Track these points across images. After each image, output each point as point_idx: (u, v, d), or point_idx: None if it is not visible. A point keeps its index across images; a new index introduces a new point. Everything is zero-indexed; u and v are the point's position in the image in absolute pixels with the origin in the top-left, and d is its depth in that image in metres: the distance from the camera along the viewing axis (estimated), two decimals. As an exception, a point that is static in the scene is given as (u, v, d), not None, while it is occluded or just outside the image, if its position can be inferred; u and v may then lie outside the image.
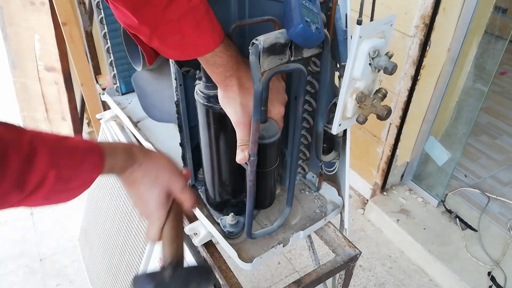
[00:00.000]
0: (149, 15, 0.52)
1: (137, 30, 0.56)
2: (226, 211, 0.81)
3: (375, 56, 0.57)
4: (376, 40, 0.57)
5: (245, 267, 0.74)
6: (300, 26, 0.52)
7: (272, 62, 0.55)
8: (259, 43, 0.52)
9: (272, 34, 0.54)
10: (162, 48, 0.57)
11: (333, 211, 0.84)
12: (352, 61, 0.57)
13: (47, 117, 2.18)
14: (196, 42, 0.55)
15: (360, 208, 2.13)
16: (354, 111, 0.63)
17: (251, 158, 0.61)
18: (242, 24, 0.62)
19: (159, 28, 0.54)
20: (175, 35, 0.54)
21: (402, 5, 1.59)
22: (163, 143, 1.01)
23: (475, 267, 1.72)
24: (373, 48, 0.56)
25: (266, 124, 0.63)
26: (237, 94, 0.60)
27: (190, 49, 0.56)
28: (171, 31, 0.54)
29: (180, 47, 0.56)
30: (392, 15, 0.59)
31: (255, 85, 0.53)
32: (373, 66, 0.58)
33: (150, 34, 0.55)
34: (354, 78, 0.59)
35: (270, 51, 0.54)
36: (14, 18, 1.96)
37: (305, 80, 0.60)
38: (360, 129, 2.02)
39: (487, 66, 1.74)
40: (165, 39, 0.55)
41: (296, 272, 1.82)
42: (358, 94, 0.61)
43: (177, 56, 0.60)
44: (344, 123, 0.65)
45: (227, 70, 0.58)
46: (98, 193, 1.40)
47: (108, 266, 1.34)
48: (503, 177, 2.25)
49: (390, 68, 0.56)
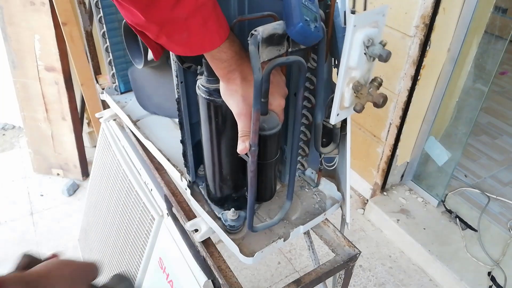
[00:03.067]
0: (158, 13, 0.53)
1: (144, 28, 0.57)
2: (227, 206, 0.81)
3: (369, 44, 0.58)
4: (370, 29, 0.58)
5: (246, 262, 0.74)
6: (299, 25, 0.53)
7: (271, 52, 0.57)
8: (258, 33, 0.54)
9: (270, 26, 0.55)
10: (169, 44, 0.58)
11: (332, 206, 0.84)
12: (347, 50, 0.58)
13: (47, 117, 2.18)
14: (202, 39, 0.56)
15: (360, 208, 2.13)
16: (351, 100, 0.64)
17: (252, 148, 0.62)
18: (243, 19, 0.63)
19: (166, 26, 0.55)
20: (182, 33, 0.55)
21: (402, 5, 1.59)
22: (162, 141, 1.01)
23: (475, 267, 1.71)
24: (367, 37, 0.58)
25: (267, 116, 0.64)
26: (239, 87, 0.61)
27: (197, 46, 0.57)
28: (179, 29, 0.55)
29: (187, 44, 0.57)
30: (384, 6, 0.60)
31: (255, 74, 0.54)
32: (368, 55, 0.59)
33: (157, 32, 0.56)
34: (350, 67, 0.61)
35: (268, 42, 0.56)
36: (14, 18, 1.96)
37: (305, 72, 0.61)
38: (360, 129, 2.02)
39: (487, 66, 1.74)
40: (172, 36, 0.56)
41: (296, 272, 1.82)
42: (355, 83, 0.62)
43: (183, 52, 0.61)
44: (342, 113, 0.66)
45: (231, 65, 0.60)
46: (98, 193, 1.40)
47: (108, 266, 1.34)
48: (503, 177, 2.25)
49: (385, 55, 0.57)
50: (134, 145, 1.16)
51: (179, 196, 0.95)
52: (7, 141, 2.63)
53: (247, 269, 1.81)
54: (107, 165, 1.29)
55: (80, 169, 2.27)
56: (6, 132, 2.70)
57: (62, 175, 2.32)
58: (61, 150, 2.25)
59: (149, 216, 1.04)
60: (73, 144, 2.20)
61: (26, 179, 2.32)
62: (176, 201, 0.93)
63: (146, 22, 0.54)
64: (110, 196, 1.27)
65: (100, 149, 1.36)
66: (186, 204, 0.92)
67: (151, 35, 0.58)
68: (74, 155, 2.23)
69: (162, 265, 1.02)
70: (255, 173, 0.65)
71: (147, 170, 1.09)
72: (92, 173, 1.47)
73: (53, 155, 2.28)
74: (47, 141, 2.24)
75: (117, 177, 1.21)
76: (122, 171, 1.18)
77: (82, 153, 2.25)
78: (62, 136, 2.21)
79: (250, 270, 1.81)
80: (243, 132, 0.63)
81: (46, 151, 2.27)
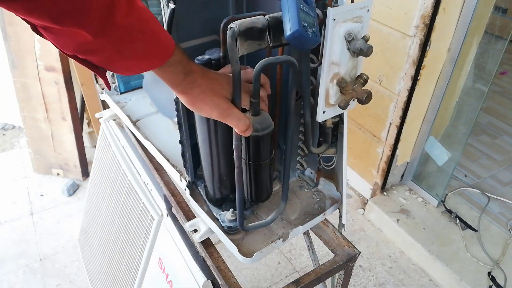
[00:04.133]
0: (99, 21, 0.45)
1: (93, 51, 0.49)
2: (225, 206, 0.81)
3: (351, 39, 0.58)
4: (351, 24, 0.58)
5: (245, 262, 0.74)
6: (298, 32, 0.53)
7: (250, 47, 0.57)
8: (235, 26, 0.55)
9: (248, 19, 0.56)
10: (121, 62, 0.52)
11: (332, 206, 0.84)
12: (329, 44, 0.58)
13: (47, 117, 2.18)
14: (162, 42, 0.52)
15: (360, 208, 2.13)
16: (337, 97, 0.64)
17: (235, 143, 0.62)
18: (234, 18, 0.63)
19: (119, 36, 0.48)
20: (137, 42, 0.50)
21: (402, 5, 1.59)
22: (162, 142, 1.01)
23: (475, 267, 1.71)
24: (349, 31, 0.58)
25: (259, 116, 0.63)
26: (203, 90, 0.57)
27: (156, 52, 0.52)
28: (134, 36, 0.49)
29: (147, 54, 0.52)
30: (368, 0, 0.59)
31: (233, 66, 0.55)
32: (351, 51, 0.59)
33: (110, 49, 0.49)
34: (333, 62, 0.60)
35: (247, 36, 0.56)
36: (14, 18, 1.96)
37: (296, 72, 0.61)
38: (360, 129, 2.02)
39: (487, 66, 1.74)
40: (126, 48, 0.50)
41: (296, 272, 1.82)
42: (339, 79, 0.62)
43: (139, 67, 0.54)
44: (328, 111, 0.66)
45: (185, 67, 0.56)
46: (98, 193, 1.40)
47: (108, 266, 1.34)
48: (503, 177, 2.25)
49: (366, 50, 0.57)
50: (133, 145, 1.16)
51: (178, 196, 0.95)
52: (7, 141, 2.63)
53: (247, 269, 1.81)
54: (107, 165, 1.29)
55: (80, 169, 2.27)
56: (6, 132, 2.70)
57: (62, 175, 2.32)
58: (61, 150, 2.26)
59: (148, 216, 1.04)
60: (73, 144, 2.20)
61: (26, 179, 2.32)
62: (175, 201, 0.93)
63: (94, 40, 0.46)
64: (110, 196, 1.27)
65: (100, 149, 1.36)
66: (185, 205, 0.92)
67: (99, 59, 0.51)
68: (74, 155, 2.23)
69: (162, 265, 1.02)
70: (240, 169, 0.65)
71: (147, 170, 1.09)
72: (92, 173, 1.47)
73: (53, 155, 2.28)
74: (47, 141, 2.24)
75: (117, 177, 1.21)
76: (121, 171, 1.18)
77: (82, 153, 2.25)
78: (62, 136, 2.21)
79: (250, 270, 1.81)
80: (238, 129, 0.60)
81: (46, 151, 2.28)
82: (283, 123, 0.79)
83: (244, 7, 0.71)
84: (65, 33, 0.46)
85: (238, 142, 0.62)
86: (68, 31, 0.46)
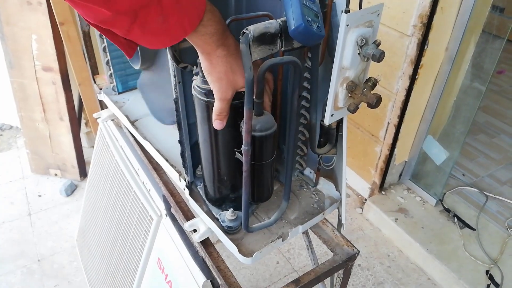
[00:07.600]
0: (125, 1, 0.46)
1: (112, 24, 0.50)
2: (225, 206, 0.81)
3: (363, 44, 0.58)
4: (364, 29, 0.58)
5: (245, 262, 0.74)
6: (302, 26, 0.53)
7: (263, 51, 0.57)
8: (249, 32, 0.54)
9: (262, 24, 0.55)
10: (144, 37, 0.52)
11: (331, 206, 0.84)
12: (340, 49, 0.58)
13: (44, 117, 2.17)
14: (182, 18, 0.51)
15: (358, 208, 2.13)
16: (345, 100, 0.64)
17: (245, 148, 0.62)
18: (237, 19, 0.63)
19: (139, 14, 0.48)
20: (157, 17, 0.49)
21: (400, 4, 1.59)
22: (160, 142, 1.01)
23: (473, 265, 1.72)
24: (361, 36, 0.58)
25: (262, 117, 0.63)
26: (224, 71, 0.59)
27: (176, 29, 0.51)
28: (153, 13, 0.49)
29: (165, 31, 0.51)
30: (379, 5, 0.59)
31: (246, 73, 0.54)
32: (362, 55, 0.59)
33: (129, 25, 0.49)
34: (343, 67, 0.60)
35: (260, 41, 0.55)
36: (11, 18, 1.95)
37: (300, 73, 0.61)
38: (359, 129, 2.02)
39: (484, 65, 1.74)
40: (147, 25, 0.50)
41: (295, 272, 1.82)
42: (348, 83, 0.62)
43: (161, 43, 0.54)
44: (336, 113, 0.66)
45: (219, 39, 0.56)
46: (96, 193, 1.39)
47: (107, 266, 1.34)
48: (501, 176, 2.25)
49: (378, 55, 0.57)
50: (132, 145, 1.15)
51: (177, 196, 0.95)
52: (5, 141, 2.62)
53: (246, 269, 1.81)
54: (105, 165, 1.28)
55: (78, 169, 2.26)
56: (3, 132, 2.69)
57: (60, 175, 2.31)
58: (59, 150, 2.25)
59: (147, 217, 1.04)
60: (71, 144, 2.20)
61: (24, 179, 2.31)
62: (174, 201, 0.93)
63: (113, 16, 0.47)
64: (108, 197, 1.27)
65: (98, 149, 1.36)
66: (184, 204, 0.92)
67: (120, 32, 0.51)
68: (72, 155, 2.23)
69: (161, 265, 1.01)
70: (248, 173, 0.65)
71: (145, 170, 1.09)
72: (90, 173, 1.46)
73: (50, 155, 2.27)
74: (44, 141, 2.24)
75: (115, 177, 1.20)
76: (120, 172, 1.17)
77: (80, 153, 2.25)
78: (59, 136, 2.20)
79: (249, 270, 1.81)
80: (220, 113, 0.62)
81: (43, 151, 2.27)
82: (284, 123, 0.79)
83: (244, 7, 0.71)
84: (84, 6, 0.47)
85: (248, 147, 0.62)
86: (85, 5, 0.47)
